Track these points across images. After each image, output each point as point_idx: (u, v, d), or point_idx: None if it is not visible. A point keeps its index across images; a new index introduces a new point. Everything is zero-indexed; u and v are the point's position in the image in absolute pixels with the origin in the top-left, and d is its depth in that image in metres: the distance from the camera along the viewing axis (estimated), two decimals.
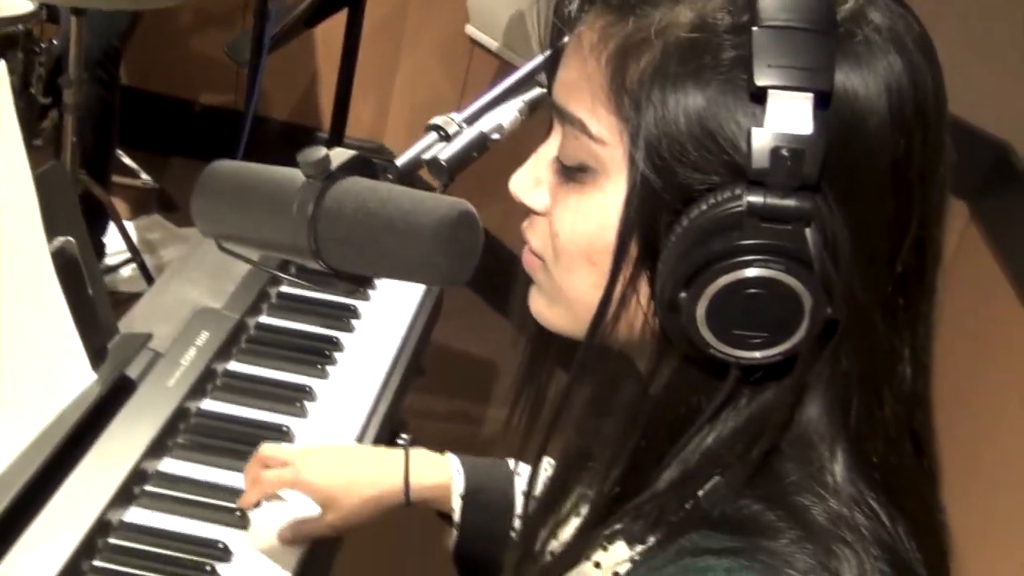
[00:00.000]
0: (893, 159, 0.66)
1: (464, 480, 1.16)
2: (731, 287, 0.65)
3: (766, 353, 0.67)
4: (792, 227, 0.63)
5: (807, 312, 0.65)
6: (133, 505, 1.24)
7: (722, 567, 0.65)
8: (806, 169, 0.63)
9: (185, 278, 1.61)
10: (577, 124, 0.70)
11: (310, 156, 0.85)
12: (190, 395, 1.36)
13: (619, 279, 0.69)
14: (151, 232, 3.21)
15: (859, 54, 0.66)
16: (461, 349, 3.02)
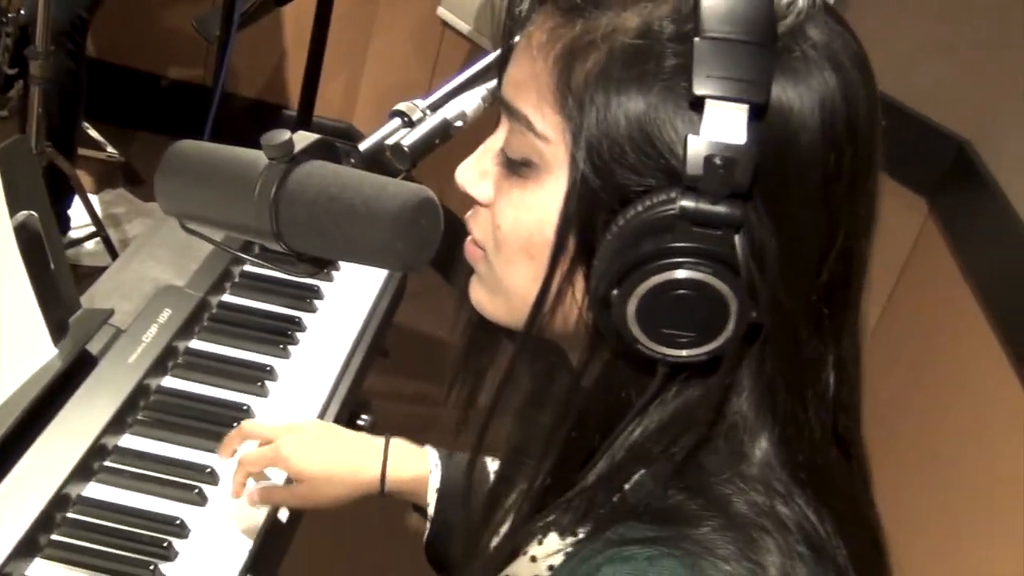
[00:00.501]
0: (823, 172, 0.68)
1: (441, 475, 1.17)
2: (660, 287, 0.66)
3: (692, 352, 0.68)
4: (721, 232, 0.65)
5: (733, 315, 0.67)
6: (92, 480, 1.25)
7: (644, 555, 0.67)
8: (737, 177, 0.64)
9: (148, 255, 1.61)
10: (523, 120, 0.71)
11: (273, 139, 0.85)
12: (151, 372, 1.36)
13: (556, 274, 0.71)
14: (116, 206, 3.19)
15: (796, 69, 0.67)
16: (425, 331, 3.03)
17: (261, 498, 1.21)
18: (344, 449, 1.20)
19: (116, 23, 3.37)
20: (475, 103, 0.99)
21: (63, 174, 2.62)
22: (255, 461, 1.20)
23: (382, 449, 1.18)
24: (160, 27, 3.50)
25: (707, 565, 0.66)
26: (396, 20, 3.46)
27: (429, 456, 1.19)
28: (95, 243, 2.84)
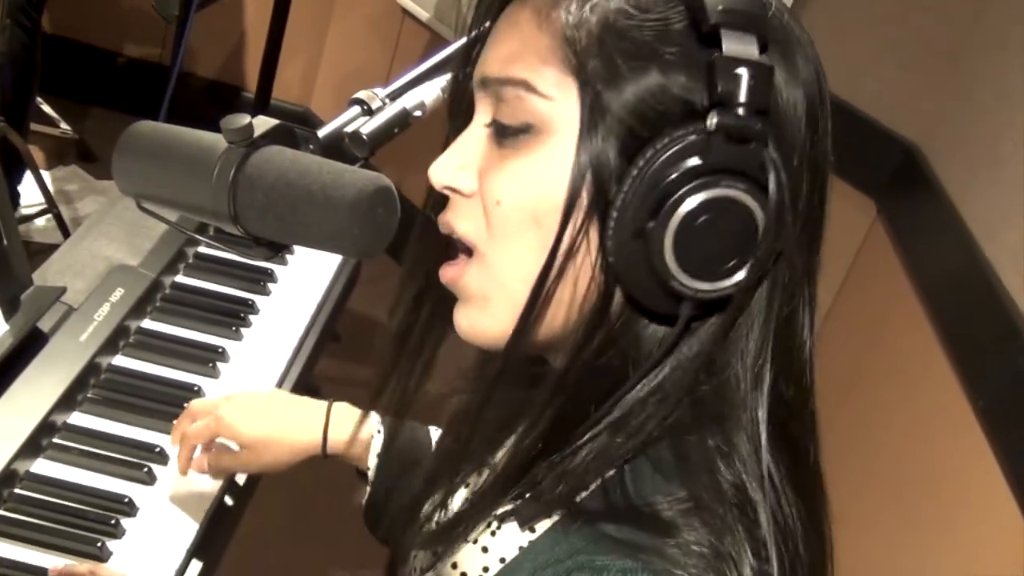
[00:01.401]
0: (808, 128, 0.72)
1: (383, 440, 1.18)
2: (698, 210, 0.68)
3: (721, 285, 0.70)
4: (753, 147, 0.68)
5: (760, 240, 0.69)
6: (40, 457, 1.25)
7: (616, 567, 0.67)
8: (762, 92, 0.67)
9: (102, 233, 1.60)
10: (521, 85, 0.72)
11: (233, 123, 0.85)
12: (102, 350, 1.36)
13: (568, 228, 0.70)
14: (68, 183, 3.16)
15: (782, 39, 0.72)
16: (376, 317, 3.03)
17: (208, 466, 1.21)
18: (286, 414, 1.21)
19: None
20: (435, 93, 1.00)
21: (15, 149, 2.59)
22: (198, 434, 1.20)
23: (324, 412, 1.19)
24: (118, 4, 3.47)
25: None
26: (356, 6, 3.45)
27: (372, 421, 1.19)
28: (46, 220, 2.81)
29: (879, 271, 2.13)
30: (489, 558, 0.76)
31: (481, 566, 0.77)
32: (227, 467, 1.22)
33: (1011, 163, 1.79)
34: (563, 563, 0.69)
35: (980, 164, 1.91)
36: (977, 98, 2.00)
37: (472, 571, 0.77)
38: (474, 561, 0.77)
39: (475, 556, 0.77)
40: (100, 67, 3.50)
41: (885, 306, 2.10)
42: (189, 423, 1.22)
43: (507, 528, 0.76)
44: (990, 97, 1.95)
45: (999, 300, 1.64)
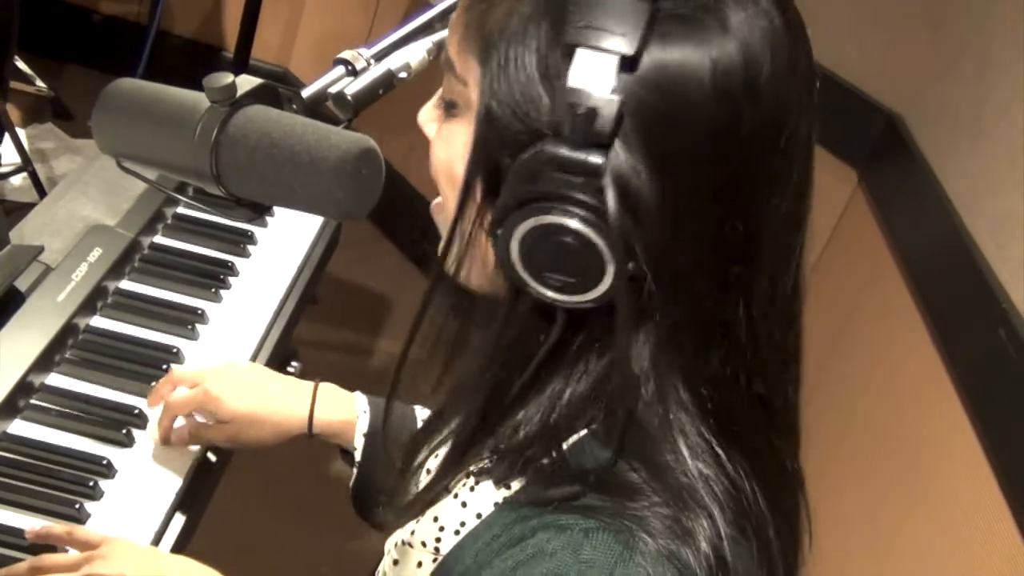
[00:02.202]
0: (714, 129, 0.68)
1: (369, 421, 1.18)
2: (533, 231, 0.68)
3: (577, 298, 0.70)
4: (584, 180, 0.66)
5: (608, 262, 0.68)
6: (17, 418, 1.24)
7: (580, 527, 0.68)
8: (598, 127, 0.65)
9: (79, 192, 1.58)
10: (448, 64, 0.75)
11: (216, 81, 0.84)
12: (80, 311, 1.35)
13: (465, 211, 0.73)
14: (44, 141, 3.13)
15: (689, 29, 0.67)
16: (356, 281, 3.02)
17: (190, 437, 1.21)
18: (273, 391, 1.21)
19: None
20: (420, 55, 1.00)
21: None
22: (183, 403, 1.20)
23: (311, 392, 1.19)
24: None
25: (640, 543, 0.67)
26: None
27: (358, 401, 1.20)
28: (22, 178, 2.78)
29: (860, 240, 2.14)
30: (466, 513, 0.78)
31: (459, 520, 0.78)
32: (208, 440, 1.22)
33: (993, 133, 1.80)
34: (530, 521, 0.71)
35: (962, 134, 1.91)
36: (960, 67, 1.99)
37: (449, 525, 0.79)
38: (453, 515, 0.79)
39: (454, 511, 0.79)
40: (76, 24, 3.45)
41: (865, 275, 2.11)
42: (170, 390, 1.22)
43: (484, 485, 0.77)
44: (973, 66, 1.95)
45: (978, 269, 1.64)
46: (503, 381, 0.76)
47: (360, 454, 1.17)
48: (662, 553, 0.68)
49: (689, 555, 0.68)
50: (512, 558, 0.70)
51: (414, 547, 0.81)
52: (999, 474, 1.45)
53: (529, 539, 0.70)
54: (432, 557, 0.79)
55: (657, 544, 0.68)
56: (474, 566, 0.73)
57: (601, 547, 0.67)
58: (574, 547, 0.68)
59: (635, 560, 0.67)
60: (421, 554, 0.80)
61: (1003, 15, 1.89)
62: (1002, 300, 1.55)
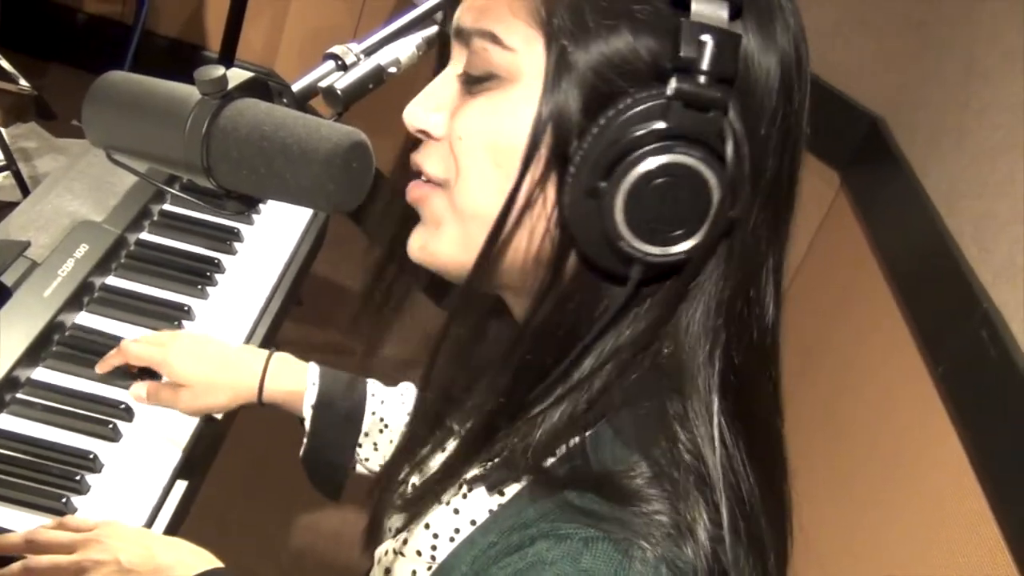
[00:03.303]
0: (780, 96, 0.71)
1: (317, 392, 1.20)
2: (651, 174, 0.68)
3: (672, 250, 0.70)
4: (712, 115, 0.67)
5: (713, 207, 0.69)
6: (3, 412, 1.24)
7: (580, 536, 0.68)
8: (725, 61, 0.67)
9: (65, 188, 1.58)
10: (487, 36, 0.73)
11: (207, 74, 0.85)
12: (66, 306, 1.35)
13: (527, 177, 0.71)
14: (26, 140, 3.11)
15: (762, 7, 0.71)
16: (337, 280, 3.02)
17: (148, 397, 1.23)
18: (228, 360, 1.23)
19: None
20: (409, 51, 1.00)
21: None
22: (138, 355, 1.23)
23: (263, 361, 1.21)
24: None
25: (639, 551, 0.67)
26: None
27: (309, 373, 1.22)
28: (4, 177, 2.77)
29: (843, 241, 2.16)
30: (460, 520, 0.77)
31: (453, 527, 0.78)
32: (166, 402, 1.23)
33: (973, 135, 1.82)
34: (528, 529, 0.70)
35: (943, 136, 1.93)
36: (942, 72, 2.02)
37: (443, 532, 0.78)
38: (446, 522, 0.78)
39: (447, 518, 0.78)
40: (60, 22, 3.44)
41: (848, 275, 2.12)
42: (119, 361, 1.25)
43: (477, 492, 0.77)
44: (955, 71, 1.97)
45: (959, 269, 1.66)
46: (533, 368, 0.75)
47: (309, 424, 1.19)
48: (661, 559, 0.68)
49: (688, 552, 0.69)
50: (511, 566, 0.69)
51: (407, 556, 0.80)
52: (980, 473, 1.46)
53: (528, 548, 0.69)
54: (427, 565, 0.78)
55: (655, 551, 0.68)
56: (470, 573, 0.72)
57: (601, 556, 0.67)
58: (573, 556, 0.67)
59: (634, 568, 0.67)
60: (415, 563, 0.79)
61: (984, 22, 1.91)
62: (984, 301, 1.57)
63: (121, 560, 1.01)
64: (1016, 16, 1.81)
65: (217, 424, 1.33)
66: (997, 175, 1.69)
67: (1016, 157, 1.66)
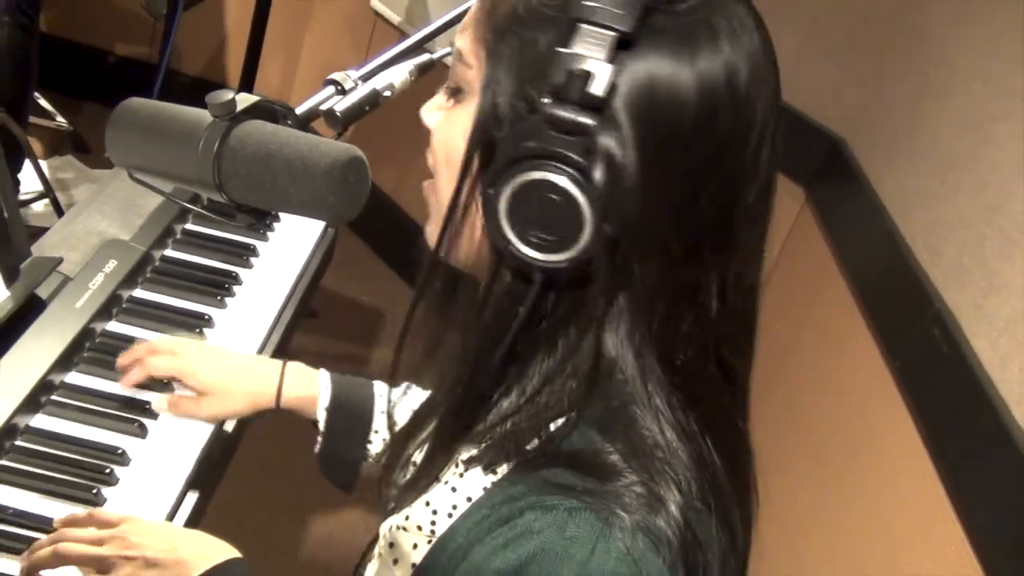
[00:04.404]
0: (695, 120, 0.70)
1: (330, 396, 1.21)
2: (523, 186, 0.69)
3: (554, 257, 0.71)
4: (576, 139, 0.68)
5: (587, 222, 0.69)
6: (40, 412, 1.25)
7: (564, 506, 0.69)
8: (593, 89, 0.68)
9: (95, 210, 1.60)
10: (457, 53, 0.77)
11: (218, 98, 0.87)
12: (96, 316, 1.36)
13: (464, 186, 0.74)
14: (64, 171, 3.13)
15: (688, 35, 0.70)
16: (351, 297, 3.04)
17: (168, 406, 1.23)
18: (245, 369, 1.24)
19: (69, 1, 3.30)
20: (403, 76, 1.02)
21: (14, 138, 2.56)
22: (157, 367, 1.23)
23: (279, 370, 1.22)
24: (111, 5, 3.44)
25: (617, 519, 0.69)
26: (331, 9, 3.44)
27: (320, 379, 1.23)
28: (43, 205, 2.79)
29: (808, 250, 2.16)
30: (457, 497, 0.78)
31: (451, 504, 0.79)
32: (188, 411, 1.23)
33: (924, 153, 1.83)
34: (517, 502, 0.72)
35: (898, 154, 1.94)
36: (896, 96, 2.03)
37: (442, 509, 0.79)
38: (444, 500, 0.79)
39: (445, 495, 0.79)
40: (93, 65, 3.47)
41: (813, 281, 2.13)
42: (145, 353, 1.24)
43: (473, 471, 0.78)
44: (909, 93, 1.98)
45: (912, 273, 1.67)
46: (485, 354, 0.76)
47: (323, 425, 1.20)
48: (638, 526, 0.69)
49: (661, 522, 0.70)
50: (502, 536, 0.71)
51: (409, 531, 0.81)
52: (934, 456, 1.47)
53: (517, 519, 0.70)
54: (427, 539, 0.79)
55: (633, 519, 0.69)
56: (466, 544, 0.73)
57: (584, 524, 0.69)
58: (559, 525, 0.69)
59: (614, 535, 0.68)
60: (416, 537, 0.80)
61: (937, 45, 1.92)
62: (936, 302, 1.58)
63: (147, 555, 1.01)
64: (961, 41, 1.82)
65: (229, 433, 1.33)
66: (945, 187, 1.70)
67: (961, 170, 1.67)
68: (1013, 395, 1.33)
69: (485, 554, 0.71)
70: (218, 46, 3.52)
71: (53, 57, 3.06)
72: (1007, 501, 1.28)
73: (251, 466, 1.62)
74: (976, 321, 1.47)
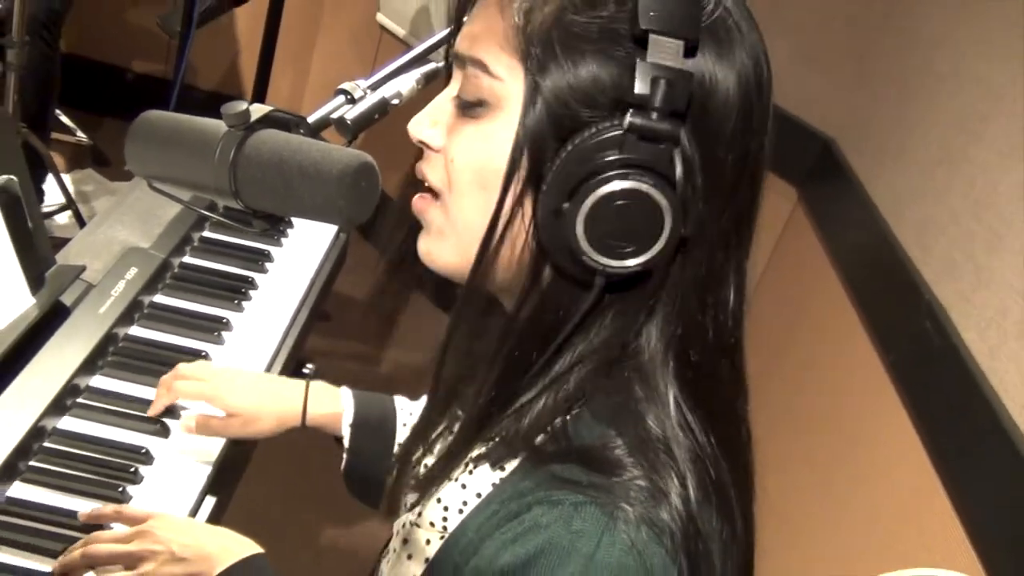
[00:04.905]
0: (739, 112, 0.71)
1: (353, 412, 1.20)
2: (607, 197, 0.68)
3: (631, 263, 0.70)
4: (663, 147, 0.68)
5: (667, 227, 0.69)
6: (66, 415, 1.25)
7: (570, 501, 0.69)
8: (677, 97, 0.67)
9: (116, 220, 1.60)
10: (478, 65, 0.73)
11: (232, 108, 0.86)
12: (119, 322, 1.36)
13: (508, 196, 0.72)
14: (85, 184, 3.14)
15: (721, 32, 0.71)
16: (361, 299, 3.04)
17: (198, 427, 1.22)
18: (271, 390, 1.22)
19: (88, 21, 3.31)
20: (410, 84, 1.02)
21: (37, 153, 2.57)
22: (188, 392, 1.22)
23: (303, 389, 1.21)
24: (127, 25, 3.44)
25: (622, 512, 0.68)
26: (338, 23, 3.45)
27: (343, 396, 1.21)
28: (66, 216, 2.79)
29: (801, 248, 2.16)
30: (467, 493, 0.78)
31: (461, 500, 0.78)
32: (215, 430, 1.22)
33: (913, 153, 1.82)
34: (525, 497, 0.71)
35: (887, 154, 1.94)
36: (883, 97, 2.03)
37: (453, 505, 0.79)
38: (455, 496, 0.79)
39: (456, 492, 0.79)
40: (111, 82, 3.47)
41: (807, 278, 2.13)
42: (174, 380, 1.23)
43: (482, 468, 0.78)
44: (894, 96, 1.98)
45: (904, 269, 1.67)
46: (523, 358, 0.75)
47: (348, 441, 1.18)
48: (642, 519, 0.69)
49: (664, 514, 0.70)
50: (511, 531, 0.70)
51: (422, 527, 0.81)
52: (928, 447, 1.46)
53: (525, 514, 0.70)
54: (439, 535, 0.79)
55: (636, 512, 0.69)
56: (476, 539, 0.73)
57: (589, 519, 0.68)
58: (566, 519, 0.68)
59: (619, 528, 0.68)
60: (429, 533, 0.80)
61: (921, 49, 1.92)
62: (927, 295, 1.57)
63: (173, 549, 1.01)
64: (947, 44, 1.82)
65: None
66: (935, 184, 1.70)
67: (949, 168, 1.67)
68: (1003, 385, 1.33)
69: (495, 548, 0.70)
70: (231, 61, 3.53)
71: (74, 75, 3.07)
72: (999, 488, 1.27)
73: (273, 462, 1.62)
74: (966, 314, 1.47)
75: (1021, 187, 1.43)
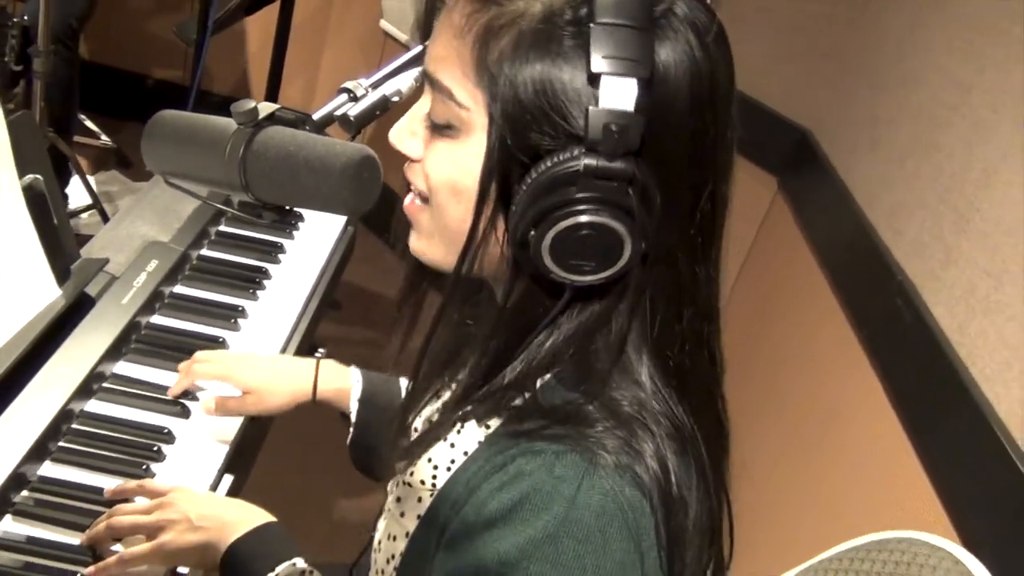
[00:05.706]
0: (692, 130, 0.70)
1: (361, 389, 1.20)
2: (568, 229, 0.68)
3: (594, 278, 0.71)
4: (617, 184, 0.67)
5: (627, 248, 0.69)
6: (93, 398, 1.24)
7: (551, 450, 0.70)
8: (629, 140, 0.66)
9: (137, 216, 1.60)
10: (445, 92, 0.72)
11: (241, 107, 0.86)
12: (141, 311, 1.36)
13: (481, 219, 0.72)
14: (108, 185, 3.13)
15: (667, 43, 0.69)
16: (371, 289, 3.04)
17: (216, 406, 1.22)
18: (283, 367, 1.23)
19: (108, 30, 3.31)
20: (409, 82, 1.02)
21: (63, 156, 2.57)
22: (205, 373, 1.22)
23: (314, 367, 1.21)
24: (145, 33, 3.43)
25: (600, 458, 0.69)
26: (345, 31, 3.44)
27: (352, 374, 1.22)
28: (91, 215, 2.79)
29: (781, 234, 2.16)
30: (455, 452, 0.79)
31: (449, 459, 0.79)
32: (232, 409, 1.23)
33: (884, 142, 1.82)
34: (508, 450, 0.72)
35: (860, 145, 1.93)
36: (857, 90, 2.02)
37: (442, 463, 0.80)
38: (444, 455, 0.80)
39: (445, 451, 0.80)
40: (132, 88, 3.47)
41: (787, 262, 2.13)
42: (190, 363, 1.24)
43: (469, 426, 0.78)
44: (867, 89, 1.97)
45: (877, 251, 1.67)
46: (506, 343, 0.76)
47: (355, 416, 1.19)
48: (619, 465, 0.70)
49: (640, 469, 0.70)
50: (497, 480, 0.71)
51: (414, 486, 0.82)
52: (899, 414, 1.46)
53: (509, 464, 0.71)
54: (430, 492, 0.80)
55: (614, 459, 0.70)
56: (465, 492, 0.74)
57: (570, 465, 0.69)
58: (548, 467, 0.69)
59: (598, 473, 0.69)
60: (420, 491, 0.81)
61: (892, 46, 1.91)
62: (898, 274, 1.57)
63: (192, 518, 1.02)
64: (916, 40, 1.81)
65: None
66: (905, 172, 1.69)
67: (919, 157, 1.66)
68: (970, 357, 1.33)
69: (483, 498, 0.71)
70: (244, 67, 3.52)
71: (96, 82, 3.06)
72: (967, 451, 1.27)
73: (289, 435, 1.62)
74: (935, 291, 1.47)
75: (985, 173, 1.43)
